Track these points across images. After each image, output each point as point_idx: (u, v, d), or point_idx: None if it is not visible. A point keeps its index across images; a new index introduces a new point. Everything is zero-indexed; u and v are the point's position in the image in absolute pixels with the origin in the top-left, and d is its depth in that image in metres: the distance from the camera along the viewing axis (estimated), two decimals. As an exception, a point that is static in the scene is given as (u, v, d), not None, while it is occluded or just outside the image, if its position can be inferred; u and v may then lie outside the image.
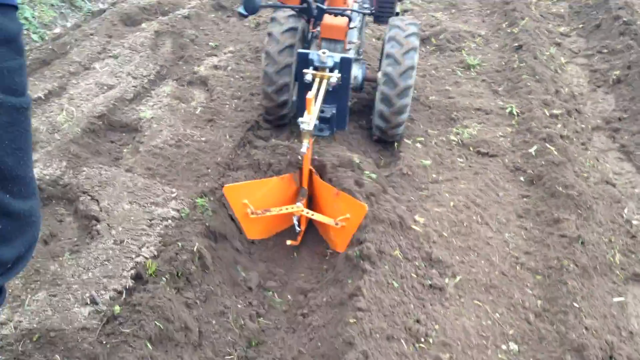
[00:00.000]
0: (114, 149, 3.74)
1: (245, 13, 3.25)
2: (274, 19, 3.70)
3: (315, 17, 3.54)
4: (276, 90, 3.67)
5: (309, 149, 2.92)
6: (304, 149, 2.88)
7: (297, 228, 3.18)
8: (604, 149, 4.17)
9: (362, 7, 4.18)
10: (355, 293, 2.64)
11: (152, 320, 2.43)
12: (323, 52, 3.26)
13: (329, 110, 3.56)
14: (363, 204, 2.87)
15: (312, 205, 3.27)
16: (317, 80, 3.24)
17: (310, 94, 2.81)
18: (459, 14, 6.31)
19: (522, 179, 3.67)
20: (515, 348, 2.57)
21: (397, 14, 4.11)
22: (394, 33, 3.61)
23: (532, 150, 3.84)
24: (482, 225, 3.25)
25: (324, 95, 3.24)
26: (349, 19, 3.64)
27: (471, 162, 3.81)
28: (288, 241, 3.20)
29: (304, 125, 2.80)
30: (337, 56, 3.33)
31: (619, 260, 3.11)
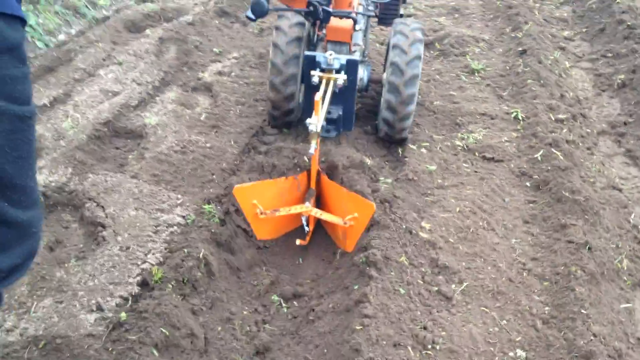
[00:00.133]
0: (119, 156, 3.75)
1: (254, 17, 3.27)
2: (278, 28, 3.71)
3: (321, 20, 3.58)
4: (283, 99, 3.73)
5: (316, 149, 2.95)
6: (311, 150, 2.91)
7: (306, 228, 3.22)
8: (610, 153, 4.16)
9: (367, 9, 4.21)
10: (362, 299, 2.63)
11: (158, 326, 2.43)
12: (330, 54, 3.29)
13: (336, 112, 3.63)
14: (371, 203, 2.91)
15: (320, 205, 3.31)
16: (324, 82, 3.28)
17: (318, 96, 2.85)
18: (462, 18, 6.31)
19: (528, 184, 3.66)
20: (522, 355, 2.55)
21: (401, 16, 4.14)
22: (398, 38, 3.64)
23: (538, 155, 3.83)
24: (488, 231, 3.24)
25: (331, 96, 3.28)
26: (354, 22, 3.68)
27: (477, 167, 3.80)
28: (297, 240, 3.22)
29: (312, 127, 2.83)
30: (343, 58, 3.36)
31: (626, 266, 3.09)
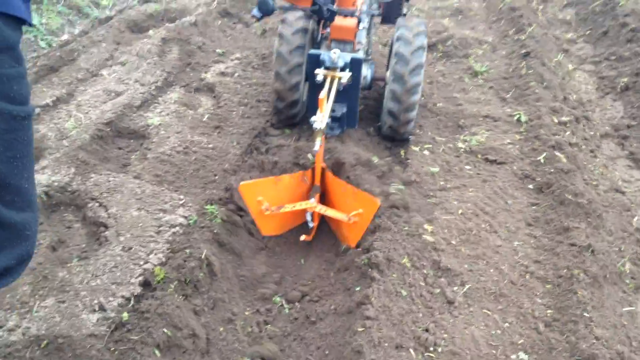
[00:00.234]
0: (122, 156, 3.75)
1: (260, 15, 3.29)
2: (284, 20, 3.79)
3: (326, 19, 3.61)
4: (288, 89, 3.78)
5: (321, 146, 2.98)
6: (316, 147, 2.93)
7: (310, 224, 3.27)
8: (613, 156, 4.15)
9: (371, 8, 4.25)
10: (364, 301, 2.63)
11: (160, 327, 2.42)
12: (334, 53, 3.31)
13: (340, 110, 3.67)
14: (375, 199, 2.94)
15: (325, 201, 3.34)
16: (328, 80, 3.31)
17: (323, 94, 2.88)
18: (465, 20, 6.31)
19: (531, 187, 3.65)
20: (525, 358, 2.55)
21: (405, 14, 4.17)
22: (402, 31, 3.70)
23: (541, 157, 3.82)
24: (490, 234, 3.23)
25: (335, 94, 3.31)
26: (358, 20, 3.71)
27: (479, 169, 3.80)
28: (302, 236, 3.26)
29: (317, 124, 2.86)
30: (347, 56, 3.39)
31: (629, 269, 3.08)
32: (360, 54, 3.80)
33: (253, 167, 3.57)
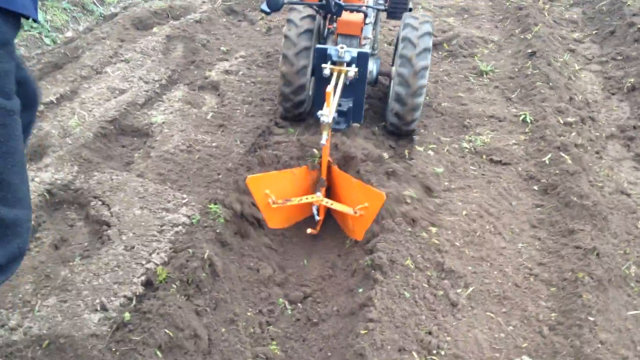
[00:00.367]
0: (125, 154, 3.74)
1: (268, 10, 3.30)
2: (290, 20, 3.78)
3: (333, 13, 3.61)
4: (294, 91, 3.80)
5: (327, 140, 2.99)
6: (323, 141, 2.95)
7: (316, 217, 3.30)
8: (619, 157, 4.11)
9: (377, 3, 4.24)
10: (367, 303, 2.61)
11: (161, 327, 2.41)
12: (341, 47, 3.33)
13: (346, 104, 3.68)
14: (381, 192, 2.95)
15: (331, 195, 3.36)
16: (335, 75, 3.32)
17: (330, 88, 2.90)
18: (471, 19, 6.27)
19: (536, 188, 3.62)
20: (528, 361, 2.53)
21: (411, 9, 4.16)
22: (408, 31, 3.69)
23: (546, 158, 3.79)
24: (495, 235, 3.21)
25: (341, 89, 3.31)
26: (365, 15, 3.71)
27: (484, 170, 3.77)
28: (308, 230, 3.29)
29: (324, 118, 2.87)
30: (354, 51, 3.41)
31: (634, 272, 3.06)
32: (367, 49, 3.81)
33: (256, 163, 3.56)
